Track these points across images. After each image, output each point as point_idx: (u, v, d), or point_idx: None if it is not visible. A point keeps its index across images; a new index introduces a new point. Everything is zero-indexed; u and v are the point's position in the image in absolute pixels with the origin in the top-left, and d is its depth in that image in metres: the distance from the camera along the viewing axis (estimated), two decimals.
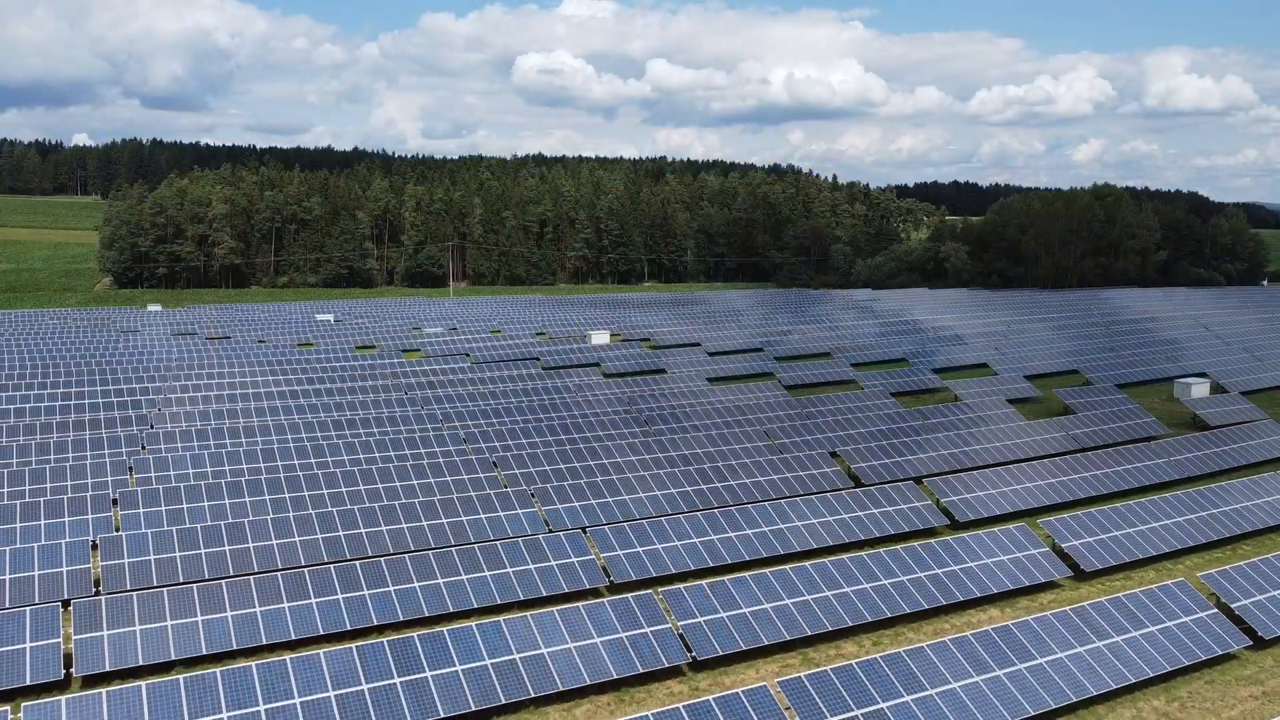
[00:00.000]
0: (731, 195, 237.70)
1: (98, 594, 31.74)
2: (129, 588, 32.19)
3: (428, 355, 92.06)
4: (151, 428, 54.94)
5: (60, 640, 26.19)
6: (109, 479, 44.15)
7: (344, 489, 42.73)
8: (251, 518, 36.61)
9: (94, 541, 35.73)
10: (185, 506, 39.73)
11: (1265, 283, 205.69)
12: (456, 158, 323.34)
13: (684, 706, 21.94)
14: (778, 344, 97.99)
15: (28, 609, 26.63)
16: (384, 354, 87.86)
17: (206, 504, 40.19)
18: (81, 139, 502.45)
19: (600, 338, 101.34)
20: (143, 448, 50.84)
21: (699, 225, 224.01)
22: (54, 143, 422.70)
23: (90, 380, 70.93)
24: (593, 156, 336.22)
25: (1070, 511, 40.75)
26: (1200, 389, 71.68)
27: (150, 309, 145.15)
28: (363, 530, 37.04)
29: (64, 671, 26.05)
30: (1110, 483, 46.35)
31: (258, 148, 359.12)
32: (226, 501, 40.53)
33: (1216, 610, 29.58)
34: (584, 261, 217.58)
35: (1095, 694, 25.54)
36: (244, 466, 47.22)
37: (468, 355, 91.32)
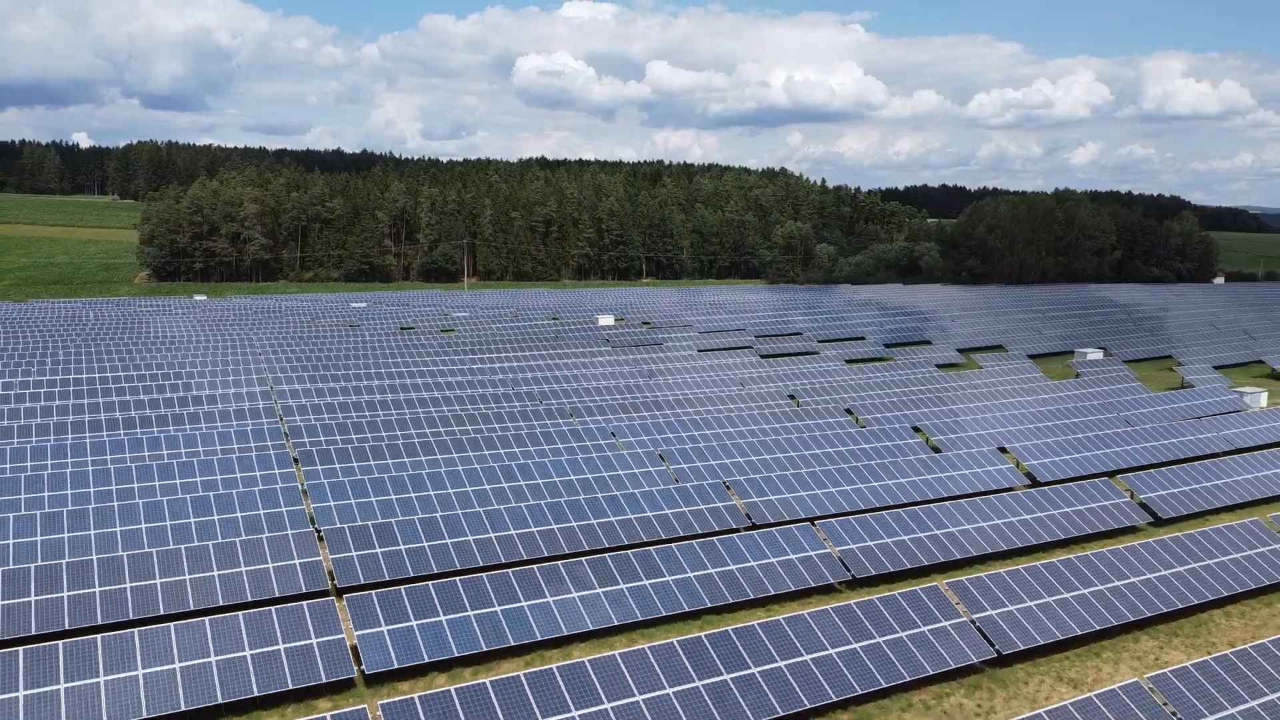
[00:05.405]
0: (725, 198, 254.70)
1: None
2: (331, 500, 48.75)
3: (461, 334, 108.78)
4: (274, 378, 71.62)
5: (321, 559, 34.80)
6: (261, 404, 60.96)
7: (432, 410, 59.57)
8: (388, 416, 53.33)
9: (295, 457, 52.46)
10: (339, 414, 56.67)
11: (1222, 280, 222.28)
12: (462, 160, 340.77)
13: (877, 599, 34.83)
14: (758, 326, 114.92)
15: (291, 533, 40.36)
16: (425, 334, 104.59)
17: (354, 416, 57.06)
18: (81, 138, 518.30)
19: (606, 320, 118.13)
20: (272, 386, 67.63)
21: (694, 226, 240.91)
22: (70, 144, 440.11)
23: (185, 354, 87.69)
24: (592, 159, 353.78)
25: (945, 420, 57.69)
26: (1094, 355, 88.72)
27: (196, 298, 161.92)
28: (468, 427, 53.88)
29: (329, 584, 38.46)
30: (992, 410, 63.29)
31: (268, 150, 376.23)
32: (366, 414, 57.39)
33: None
34: (586, 259, 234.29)
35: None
36: (349, 398, 64.00)
37: (496, 335, 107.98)
